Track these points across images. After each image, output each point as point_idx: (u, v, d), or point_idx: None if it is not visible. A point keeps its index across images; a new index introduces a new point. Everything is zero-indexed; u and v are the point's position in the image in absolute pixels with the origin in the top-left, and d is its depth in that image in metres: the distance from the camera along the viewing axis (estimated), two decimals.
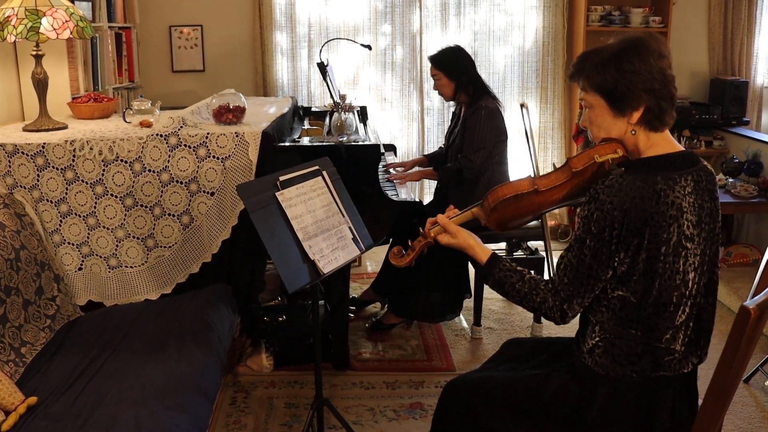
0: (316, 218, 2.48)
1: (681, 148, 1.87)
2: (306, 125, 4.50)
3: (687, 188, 1.80)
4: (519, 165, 5.51)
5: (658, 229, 1.76)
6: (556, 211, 5.64)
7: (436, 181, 4.34)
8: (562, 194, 1.97)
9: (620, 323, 1.86)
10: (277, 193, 2.39)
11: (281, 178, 2.44)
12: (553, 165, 5.51)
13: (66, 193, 3.07)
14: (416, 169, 4.16)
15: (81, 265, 3.13)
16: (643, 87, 1.79)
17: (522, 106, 4.00)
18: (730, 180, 4.89)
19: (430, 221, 2.13)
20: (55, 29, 3.11)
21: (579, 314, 1.95)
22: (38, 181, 3.04)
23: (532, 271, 1.97)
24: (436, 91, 4.08)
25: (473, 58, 4.09)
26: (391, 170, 4.23)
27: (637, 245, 1.77)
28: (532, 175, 2.04)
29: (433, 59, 3.97)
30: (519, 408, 1.98)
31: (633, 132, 1.85)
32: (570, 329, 3.18)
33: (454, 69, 3.92)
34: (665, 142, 1.86)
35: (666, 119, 1.84)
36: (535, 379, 2.01)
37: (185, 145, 3.07)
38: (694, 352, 1.90)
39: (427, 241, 2.13)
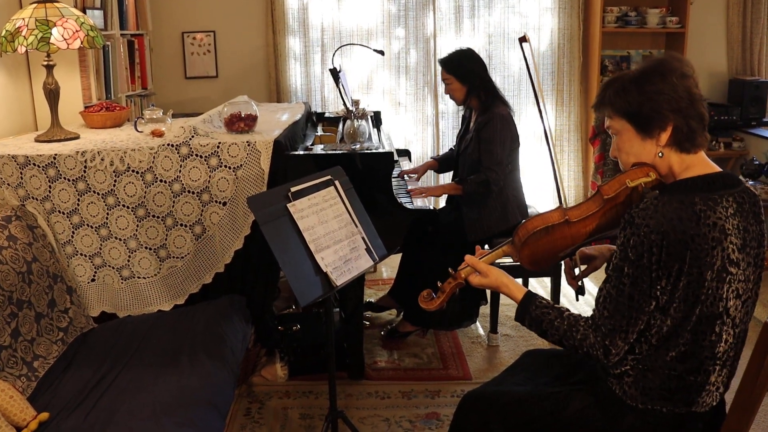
0: (328, 229, 2.45)
1: (718, 169, 1.79)
2: (319, 131, 4.46)
3: (729, 209, 1.71)
4: (531, 169, 5.47)
5: (700, 253, 1.66)
6: None
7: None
8: (595, 224, 1.89)
9: (656, 351, 1.77)
10: (288, 205, 2.36)
11: (293, 189, 2.40)
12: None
13: (78, 204, 3.05)
14: (439, 183, 4.05)
15: (94, 276, 3.11)
16: (668, 107, 1.72)
17: (522, 40, 3.13)
18: (750, 182, 4.80)
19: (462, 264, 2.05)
20: (65, 39, 3.10)
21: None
22: (50, 192, 3.03)
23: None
24: (448, 95, 4.01)
25: (488, 61, 4.01)
26: (406, 178, 4.18)
27: (678, 270, 1.67)
28: (563, 206, 1.97)
29: (444, 62, 3.89)
30: (535, 427, 1.93)
31: (661, 154, 1.77)
32: None
33: (466, 73, 3.83)
34: (701, 164, 1.78)
35: (697, 140, 1.76)
36: (553, 398, 1.95)
37: (197, 155, 3.04)
38: (724, 383, 1.82)
39: (457, 282, 2.05)
